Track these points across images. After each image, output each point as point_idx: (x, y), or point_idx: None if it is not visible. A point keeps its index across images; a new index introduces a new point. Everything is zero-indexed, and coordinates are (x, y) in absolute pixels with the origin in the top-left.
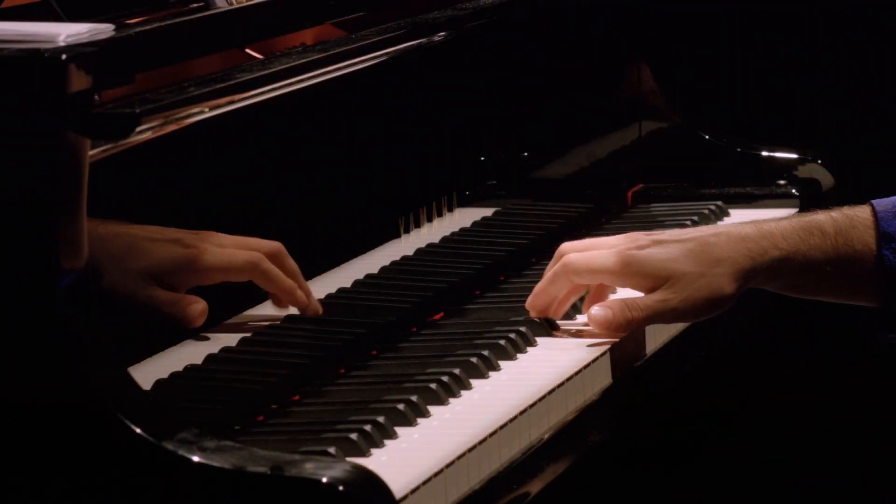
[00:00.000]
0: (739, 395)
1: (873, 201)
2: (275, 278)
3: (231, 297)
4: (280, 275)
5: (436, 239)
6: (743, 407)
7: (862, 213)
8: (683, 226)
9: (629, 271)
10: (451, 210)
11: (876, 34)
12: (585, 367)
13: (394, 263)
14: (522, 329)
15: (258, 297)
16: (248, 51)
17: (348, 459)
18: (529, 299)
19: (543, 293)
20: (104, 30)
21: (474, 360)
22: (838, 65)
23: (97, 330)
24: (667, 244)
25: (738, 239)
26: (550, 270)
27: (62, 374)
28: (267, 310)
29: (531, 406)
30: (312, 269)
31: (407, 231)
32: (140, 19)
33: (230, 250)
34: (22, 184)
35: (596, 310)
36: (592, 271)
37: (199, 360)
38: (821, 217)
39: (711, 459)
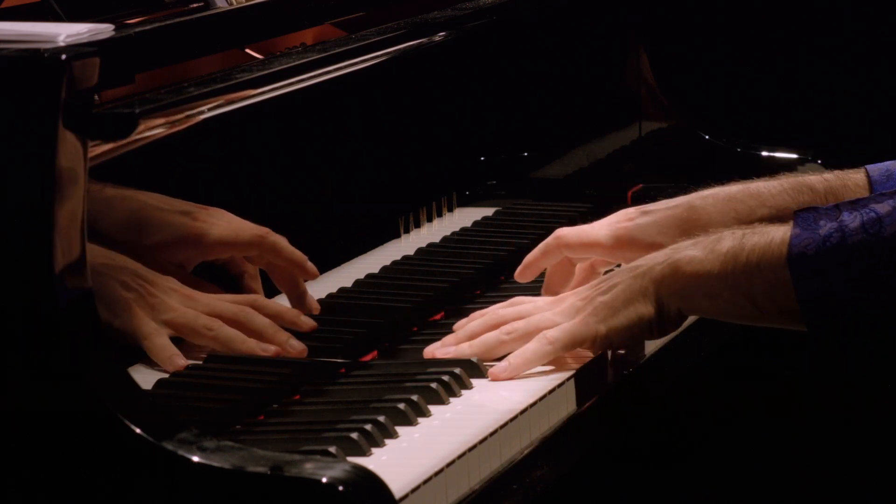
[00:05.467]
0: (738, 396)
1: (867, 166)
2: (283, 249)
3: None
4: (289, 246)
5: (436, 239)
6: (742, 409)
7: (855, 175)
8: None
9: (620, 244)
10: (451, 210)
11: (876, 34)
12: (583, 365)
13: (395, 263)
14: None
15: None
16: (248, 51)
17: (349, 459)
18: (518, 270)
19: (533, 265)
20: (104, 30)
21: (475, 359)
22: (838, 65)
23: (97, 330)
24: (654, 213)
25: (724, 200)
26: (542, 243)
27: (62, 375)
28: None
29: (532, 405)
30: None
31: (407, 231)
32: (140, 19)
33: (238, 224)
34: (21, 183)
35: None
36: (584, 244)
37: (199, 360)
38: (812, 178)
39: (711, 461)
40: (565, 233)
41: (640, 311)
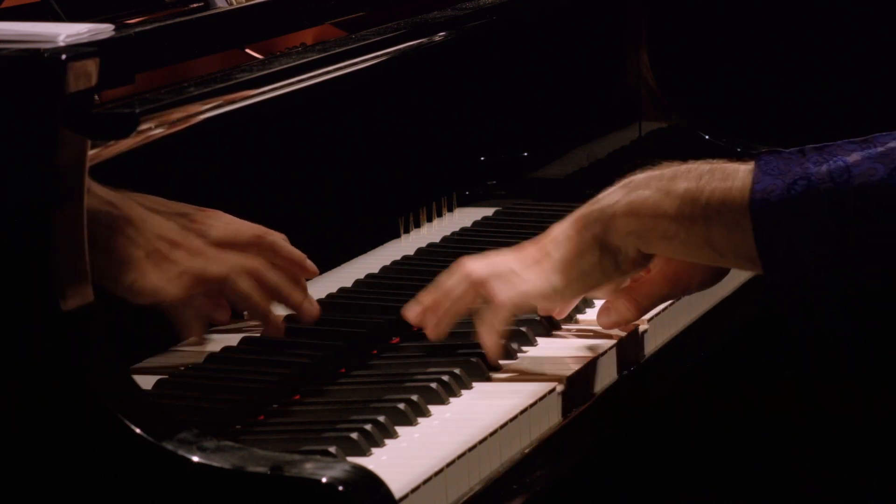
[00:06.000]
0: (738, 396)
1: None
2: (282, 249)
3: None
4: (288, 245)
5: (436, 238)
6: (742, 409)
7: None
8: None
9: None
10: (451, 210)
11: (876, 34)
12: (584, 365)
13: (395, 263)
14: (523, 329)
15: None
16: (248, 51)
17: (349, 459)
18: None
19: None
20: (104, 30)
21: (475, 359)
22: (838, 65)
23: (97, 330)
24: None
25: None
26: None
27: (62, 375)
28: None
29: (532, 405)
30: None
31: (407, 231)
32: (140, 19)
33: (236, 225)
34: (21, 184)
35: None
36: None
37: (199, 360)
38: None
39: (711, 461)
40: None
41: (592, 261)
